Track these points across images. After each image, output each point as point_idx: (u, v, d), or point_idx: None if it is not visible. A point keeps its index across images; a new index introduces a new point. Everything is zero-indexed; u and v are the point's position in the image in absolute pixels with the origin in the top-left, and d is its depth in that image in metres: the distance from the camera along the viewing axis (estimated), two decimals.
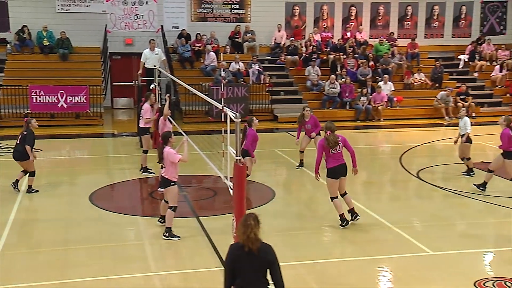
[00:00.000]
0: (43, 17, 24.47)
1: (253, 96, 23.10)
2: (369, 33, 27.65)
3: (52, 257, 9.71)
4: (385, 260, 9.59)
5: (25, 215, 11.81)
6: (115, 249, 10.10)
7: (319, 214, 12.25)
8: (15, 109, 21.59)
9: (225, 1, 26.33)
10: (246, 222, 5.95)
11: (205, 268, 9.11)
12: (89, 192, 13.21)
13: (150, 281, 8.79)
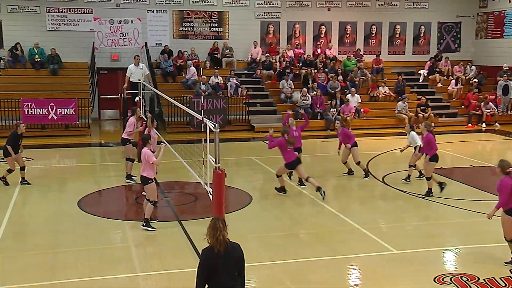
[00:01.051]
0: (35, 35, 24.23)
1: (231, 108, 23.09)
2: (337, 50, 27.80)
3: (42, 259, 9.57)
4: (354, 259, 9.61)
5: (17, 219, 11.65)
6: (102, 251, 10.00)
7: (293, 217, 12.26)
8: (8, 120, 21.29)
9: (205, 20, 26.31)
10: (215, 226, 5.96)
11: (187, 269, 9.03)
12: (77, 198, 13.08)
13: (136, 281, 8.71)
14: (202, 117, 9.66)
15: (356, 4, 27.85)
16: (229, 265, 5.93)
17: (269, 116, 23.66)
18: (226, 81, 24.26)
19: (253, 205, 12.83)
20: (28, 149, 18.47)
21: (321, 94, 24.24)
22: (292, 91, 24.44)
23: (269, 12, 26.87)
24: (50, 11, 24.52)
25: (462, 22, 29.17)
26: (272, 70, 25.84)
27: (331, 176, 15.71)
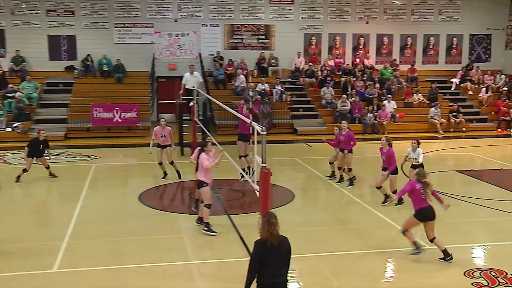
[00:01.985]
0: (103, 48, 24.75)
1: (276, 112, 23.09)
2: (375, 60, 27.48)
3: (108, 247, 9.77)
4: (389, 253, 9.48)
5: (86, 211, 11.90)
6: (159, 240, 10.14)
7: (332, 212, 12.18)
8: (80, 123, 21.87)
9: (253, 32, 26.38)
10: (270, 221, 5.97)
11: (235, 258, 9.09)
12: (138, 193, 13.29)
13: (189, 268, 8.80)
14: (250, 120, 9.67)
15: (393, 18, 27.48)
16: (279, 256, 5.94)
17: (311, 120, 23.57)
18: (271, 88, 24.26)
19: (295, 201, 12.80)
20: (95, 148, 18.98)
21: (359, 100, 24.01)
22: (332, 97, 24.28)
23: (312, 25, 26.76)
24: (117, 27, 25.02)
25: (492, 34, 28.43)
26: (314, 78, 25.72)
27: (368, 176, 15.52)
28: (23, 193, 14.04)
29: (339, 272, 8.71)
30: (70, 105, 22.37)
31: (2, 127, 21.00)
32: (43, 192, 13.70)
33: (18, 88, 22.45)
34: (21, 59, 24.10)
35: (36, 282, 8.27)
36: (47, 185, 14.52)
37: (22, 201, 13.36)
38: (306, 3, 26.55)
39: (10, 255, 9.32)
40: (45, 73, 24.41)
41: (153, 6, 25.24)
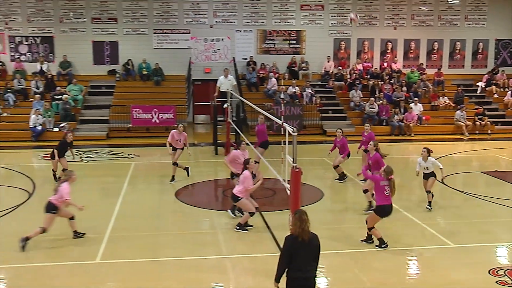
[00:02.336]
0: (143, 52, 25.02)
1: (306, 114, 23.00)
2: (402, 64, 27.15)
3: (146, 240, 9.90)
4: (414, 250, 9.38)
5: (126, 206, 12.07)
6: (194, 235, 10.22)
7: (359, 211, 12.07)
8: (120, 123, 22.19)
9: (285, 37, 26.34)
10: (301, 218, 5.98)
11: (267, 253, 9.11)
12: (174, 190, 13.42)
13: (222, 262, 8.85)
14: (282, 122, 9.66)
15: (420, 23, 27.09)
16: (309, 252, 5.95)
17: (340, 122, 23.35)
18: (302, 91, 24.19)
19: (324, 200, 12.75)
20: (135, 147, 19.22)
21: (386, 103, 23.75)
22: (360, 100, 24.10)
23: (341, 31, 26.58)
24: (156, 32, 25.30)
25: None
26: (343, 81, 25.55)
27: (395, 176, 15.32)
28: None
29: (367, 268, 8.64)
30: (112, 107, 22.71)
31: (50, 127, 21.45)
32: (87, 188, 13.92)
33: (65, 91, 22.89)
34: (68, 64, 24.59)
35: (80, 272, 8.43)
36: (90, 181, 14.77)
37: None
38: (336, 9, 26.39)
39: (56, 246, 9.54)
40: (90, 77, 24.85)
41: (190, 13, 25.44)
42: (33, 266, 8.65)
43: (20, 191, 13.19)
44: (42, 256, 9.09)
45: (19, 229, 10.55)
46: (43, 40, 24.74)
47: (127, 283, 8.06)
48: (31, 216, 11.45)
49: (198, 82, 25.89)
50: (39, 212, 11.77)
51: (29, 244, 9.65)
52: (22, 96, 23.10)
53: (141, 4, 25.08)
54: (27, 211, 11.78)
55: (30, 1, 24.38)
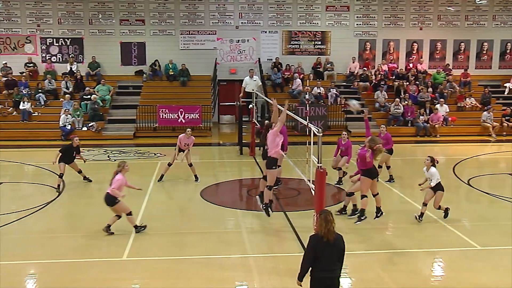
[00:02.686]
0: (170, 53, 25.23)
1: (331, 115, 22.90)
2: (428, 64, 26.83)
3: (172, 238, 10.00)
4: (439, 252, 9.28)
5: (152, 205, 12.19)
6: (219, 234, 10.28)
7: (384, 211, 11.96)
8: (147, 123, 22.43)
9: (310, 38, 26.27)
10: (327, 218, 5.99)
11: (291, 253, 9.11)
12: (200, 189, 13.49)
13: (247, 261, 8.88)
14: (307, 122, 9.64)
15: (446, 24, 26.73)
16: (333, 253, 5.95)
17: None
18: (327, 92, 24.10)
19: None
20: (161, 146, 19.36)
21: (411, 104, 23.51)
22: (385, 100, 23.91)
23: (366, 32, 26.40)
24: (182, 34, 25.48)
25: None
26: (368, 82, 25.37)
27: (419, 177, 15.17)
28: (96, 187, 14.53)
29: (390, 269, 8.58)
30: (138, 107, 22.95)
31: (79, 127, 21.80)
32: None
33: (93, 91, 23.24)
34: (96, 65, 24.95)
35: (107, 268, 8.56)
36: None
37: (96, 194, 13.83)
38: (361, 10, 26.23)
39: (84, 243, 9.70)
40: (117, 77, 25.18)
41: (216, 14, 25.57)
42: (62, 262, 8.81)
43: (50, 189, 13.43)
44: (70, 253, 9.25)
45: (49, 226, 10.78)
46: (73, 42, 25.15)
47: (152, 280, 8.16)
48: (60, 214, 11.69)
49: (223, 83, 25.99)
50: (67, 209, 12.02)
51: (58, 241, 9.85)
52: (53, 96, 23.53)
53: (168, 6, 25.30)
54: (56, 208, 12.00)
55: (61, 4, 24.81)
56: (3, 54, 24.76)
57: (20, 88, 23.13)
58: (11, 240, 9.87)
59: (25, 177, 15.43)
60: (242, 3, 25.56)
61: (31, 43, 24.96)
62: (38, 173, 15.54)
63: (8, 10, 24.66)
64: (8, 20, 24.72)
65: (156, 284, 8.03)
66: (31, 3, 24.68)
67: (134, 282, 8.16)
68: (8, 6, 24.62)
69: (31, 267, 8.71)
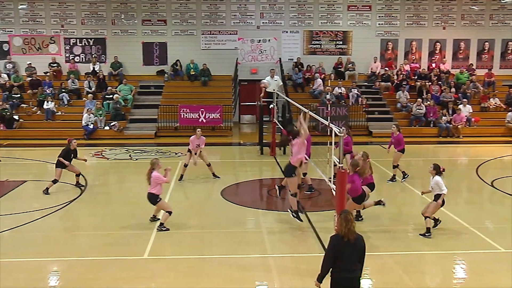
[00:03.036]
0: (191, 53, 25.35)
1: (352, 115, 22.75)
2: (451, 64, 26.50)
3: (192, 237, 10.04)
4: (462, 254, 9.15)
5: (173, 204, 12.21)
6: (239, 234, 10.29)
7: (405, 213, 11.87)
8: (168, 122, 22.57)
9: (331, 38, 26.16)
10: (347, 218, 5.98)
11: (311, 253, 9.09)
12: (220, 189, 13.53)
13: (267, 261, 8.88)
14: (328, 122, 9.60)
15: (470, 23, 26.37)
16: (354, 253, 5.93)
17: (386, 123, 23.03)
18: (348, 92, 23.97)
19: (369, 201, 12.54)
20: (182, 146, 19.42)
21: (434, 104, 23.24)
22: (407, 101, 23.69)
23: (388, 31, 26.18)
24: (204, 34, 25.59)
25: None
26: (390, 82, 25.16)
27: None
28: (119, 186, 14.69)
29: (411, 271, 8.50)
30: (160, 106, 23.11)
31: (101, 126, 22.03)
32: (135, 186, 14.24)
33: (115, 91, 23.47)
34: (118, 64, 25.20)
35: (129, 267, 8.63)
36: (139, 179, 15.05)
37: (117, 193, 13.98)
38: (383, 10, 26.03)
39: (107, 242, 9.80)
40: (139, 77, 25.38)
41: (237, 14, 25.62)
42: (84, 260, 8.91)
43: (72, 188, 13.60)
44: (92, 251, 9.36)
45: (72, 223, 10.92)
46: (96, 42, 25.44)
47: (173, 279, 8.20)
48: (83, 212, 11.83)
49: (244, 83, 26.02)
50: (89, 207, 12.15)
51: (81, 239, 9.97)
52: (76, 96, 23.83)
53: (190, 6, 25.43)
54: (79, 207, 12.14)
55: (84, 4, 25.12)
56: (27, 54, 25.17)
57: (44, 87, 23.49)
58: (34, 238, 10.03)
59: (49, 175, 15.62)
60: (263, 3, 25.57)
61: (55, 43, 25.31)
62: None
63: (32, 11, 25.05)
64: (33, 21, 25.11)
65: (176, 283, 8.07)
66: (55, 4, 25.03)
67: (155, 280, 8.22)
68: (33, 7, 25.01)
69: (54, 264, 8.83)
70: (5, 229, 10.40)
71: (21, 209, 11.63)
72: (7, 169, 15.86)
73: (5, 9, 25.00)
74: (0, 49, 25.21)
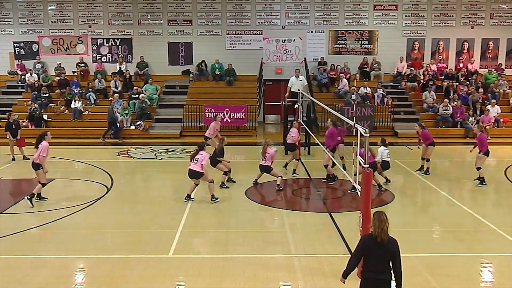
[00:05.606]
0: (216, 53, 25.48)
1: (377, 115, 22.55)
2: (479, 64, 26.08)
3: (217, 237, 10.07)
4: (489, 258, 8.98)
5: (197, 203, 12.31)
6: (264, 234, 10.28)
7: (431, 214, 11.72)
8: (194, 122, 22.71)
9: (357, 38, 25.99)
10: (380, 218, 5.94)
11: (335, 254, 9.03)
12: (245, 188, 13.54)
13: (291, 261, 8.85)
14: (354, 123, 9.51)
15: (500, 22, 25.89)
16: (384, 254, 5.86)
17: (412, 124, 22.70)
18: (373, 92, 23.78)
19: (395, 202, 12.45)
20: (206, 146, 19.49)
21: (461, 104, 22.88)
22: (434, 101, 23.38)
23: (415, 31, 25.89)
24: (229, 33, 25.68)
25: None
26: (416, 82, 24.87)
27: (467, 179, 14.79)
28: (144, 185, 14.82)
29: (437, 273, 8.38)
30: (185, 106, 23.26)
31: (127, 125, 22.27)
32: (160, 184, 14.35)
33: (141, 90, 23.70)
34: (144, 64, 25.45)
35: (154, 265, 8.70)
36: (164, 178, 15.22)
37: (143, 192, 14.10)
38: (410, 9, 25.75)
39: (132, 240, 9.90)
40: (165, 77, 25.60)
41: (263, 14, 25.63)
42: (110, 257, 9.01)
43: (99, 186, 13.78)
44: (118, 249, 9.46)
45: (98, 221, 11.06)
46: (122, 42, 25.74)
47: (197, 278, 8.24)
48: (109, 210, 11.97)
49: (269, 83, 26.03)
50: (116, 205, 12.30)
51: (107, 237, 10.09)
52: (102, 95, 24.13)
53: (215, 6, 25.54)
54: (105, 205, 12.29)
55: (111, 5, 25.43)
56: (56, 54, 25.60)
57: (72, 87, 23.85)
58: (61, 235, 10.19)
59: (76, 174, 15.89)
60: (288, 3, 25.53)
61: (82, 43, 25.68)
62: (88, 170, 15.97)
63: (61, 12, 25.46)
64: (61, 21, 25.52)
65: (201, 282, 8.11)
66: (83, 5, 25.40)
67: (179, 279, 8.26)
68: (62, 8, 25.42)
69: (80, 261, 8.95)
70: (33, 226, 10.59)
71: (49, 206, 11.83)
72: None
73: (34, 10, 25.47)
74: (30, 50, 25.70)
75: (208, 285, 7.99)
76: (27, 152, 17.24)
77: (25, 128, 21.08)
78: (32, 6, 25.42)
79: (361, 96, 23.30)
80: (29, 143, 19.55)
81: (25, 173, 14.98)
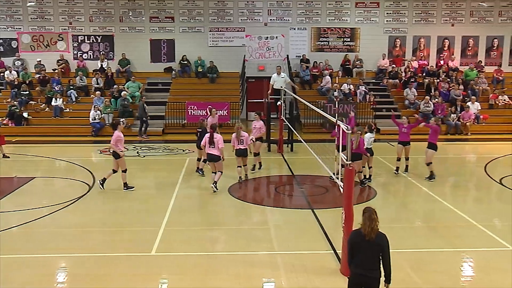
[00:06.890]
0: (199, 50, 25.41)
1: (359, 112, 22.69)
2: (459, 61, 26.39)
3: (199, 234, 10.05)
4: (470, 253, 9.10)
5: (180, 201, 12.28)
6: (247, 231, 10.29)
7: (413, 210, 11.84)
8: (176, 119, 22.62)
9: (339, 35, 26.10)
10: (371, 217, 5.97)
11: (318, 251, 9.08)
12: (227, 185, 13.53)
13: (274, 258, 8.87)
14: (336, 119, 9.56)
15: (479, 20, 26.23)
16: (372, 250, 5.88)
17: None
18: (356, 89, 23.92)
19: (377, 199, 12.55)
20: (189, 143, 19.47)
21: (442, 101, 23.13)
22: (415, 98, 23.59)
23: (396, 28, 26.10)
24: (211, 31, 25.62)
25: None
26: (398, 79, 25.08)
27: (449, 175, 14.98)
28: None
29: (419, 268, 8.47)
30: (167, 103, 23.17)
31: (109, 123, 22.08)
32: (143, 182, 14.29)
33: (123, 88, 23.53)
34: (126, 61, 25.27)
35: (137, 263, 8.66)
36: (146, 176, 15.14)
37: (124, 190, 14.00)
38: (391, 7, 25.95)
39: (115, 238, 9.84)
40: (147, 74, 25.45)
41: (245, 11, 25.61)
42: (94, 256, 8.95)
43: (81, 184, 13.67)
44: (100, 247, 9.39)
45: (80, 220, 10.97)
46: (104, 39, 25.52)
47: (180, 275, 8.22)
48: (91, 208, 11.88)
49: (251, 80, 26.02)
50: (98, 204, 12.21)
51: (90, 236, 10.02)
52: (84, 93, 23.91)
53: (197, 3, 25.45)
54: (87, 203, 12.19)
55: (92, 1, 25.19)
56: (36, 51, 25.29)
57: (53, 85, 23.59)
58: (43, 234, 10.09)
59: (57, 172, 15.73)
60: (271, 0, 25.54)
61: (63, 40, 25.41)
62: (69, 169, 15.83)
63: (41, 8, 25.15)
64: (41, 18, 25.22)
65: (184, 279, 8.09)
66: (64, 1, 25.14)
67: (162, 277, 8.24)
68: (41, 4, 25.11)
69: (63, 260, 8.87)
70: (14, 225, 10.47)
71: (30, 205, 11.70)
72: (16, 166, 15.96)
73: (13, 6, 25.13)
74: (9, 47, 25.35)
75: (191, 283, 7.98)
76: (6, 151, 17.03)
77: (5, 126, 20.81)
78: (11, 2, 25.08)
79: (343, 93, 23.42)
80: (9, 141, 19.36)
81: (4, 172, 14.81)
